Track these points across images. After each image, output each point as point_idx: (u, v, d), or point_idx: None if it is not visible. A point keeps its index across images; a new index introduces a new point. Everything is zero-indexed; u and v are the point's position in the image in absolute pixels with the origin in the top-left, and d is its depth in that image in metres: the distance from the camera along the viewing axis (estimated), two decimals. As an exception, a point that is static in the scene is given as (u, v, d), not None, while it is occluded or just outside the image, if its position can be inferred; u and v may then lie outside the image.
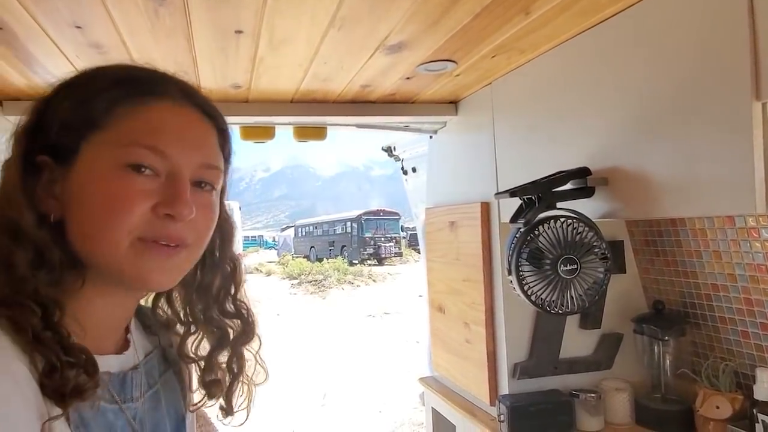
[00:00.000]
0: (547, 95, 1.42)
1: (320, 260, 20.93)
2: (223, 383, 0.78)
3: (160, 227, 0.61)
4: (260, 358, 0.80)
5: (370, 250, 22.80)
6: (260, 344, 0.80)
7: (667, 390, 1.61)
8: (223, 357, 0.78)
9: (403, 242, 24.68)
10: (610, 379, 1.66)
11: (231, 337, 0.78)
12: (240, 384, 0.79)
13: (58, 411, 0.54)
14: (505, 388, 1.66)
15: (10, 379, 0.51)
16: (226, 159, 0.72)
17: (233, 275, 0.78)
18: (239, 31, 1.21)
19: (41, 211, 0.60)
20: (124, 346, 0.71)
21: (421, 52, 1.39)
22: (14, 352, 0.53)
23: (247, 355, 0.79)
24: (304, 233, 29.20)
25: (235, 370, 0.78)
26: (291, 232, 31.77)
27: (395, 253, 23.26)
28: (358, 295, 13.65)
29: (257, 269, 19.91)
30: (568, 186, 1.24)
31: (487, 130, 1.70)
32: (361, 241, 23.18)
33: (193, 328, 0.79)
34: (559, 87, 1.37)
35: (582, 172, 1.23)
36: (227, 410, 0.79)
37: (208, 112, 0.68)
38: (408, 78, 1.61)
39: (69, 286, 0.60)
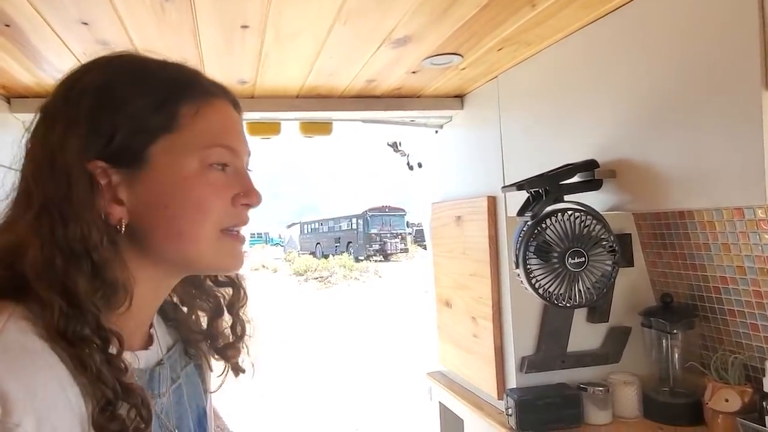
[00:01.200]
0: (554, 88, 1.41)
1: (326, 257, 20.97)
2: (233, 345, 0.82)
3: (238, 216, 0.67)
4: (249, 316, 0.84)
5: (376, 247, 22.82)
6: (247, 303, 0.84)
7: (675, 383, 1.60)
8: (223, 324, 0.82)
9: (409, 238, 24.68)
10: (618, 373, 1.65)
11: (224, 304, 0.81)
12: (244, 344, 0.83)
13: None
14: (512, 382, 1.66)
15: (56, 382, 0.52)
16: None
17: None
18: (245, 26, 1.21)
19: (106, 221, 0.59)
20: (148, 341, 0.72)
21: (427, 45, 1.38)
22: (69, 382, 0.53)
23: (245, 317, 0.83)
24: (309, 230, 29.25)
25: (239, 333, 0.82)
26: (297, 228, 31.82)
27: (401, 249, 23.26)
28: (365, 291, 13.67)
29: (263, 266, 19.97)
30: (575, 179, 1.24)
31: (494, 124, 1.69)
32: (367, 238, 23.19)
33: (189, 305, 0.82)
34: (566, 79, 1.36)
35: (589, 165, 1.22)
36: (238, 369, 0.83)
37: (237, 104, 0.73)
38: (414, 72, 1.60)
39: (121, 307, 0.60)
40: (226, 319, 0.81)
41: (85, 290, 0.55)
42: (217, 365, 0.83)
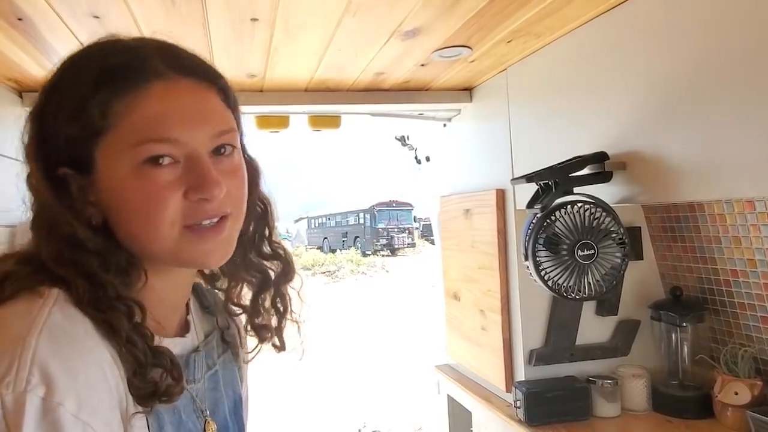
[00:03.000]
0: (564, 80, 1.41)
1: (333, 251, 21.01)
2: (270, 326, 0.80)
3: (199, 210, 0.61)
4: (303, 294, 0.81)
5: (383, 241, 22.81)
6: (302, 283, 0.81)
7: (684, 376, 1.60)
8: (268, 299, 0.79)
9: (416, 233, 24.66)
10: (626, 366, 1.65)
11: (272, 278, 0.79)
12: (287, 321, 0.80)
13: (138, 407, 0.57)
14: (521, 375, 1.66)
15: (96, 365, 0.54)
16: (234, 110, 0.69)
17: (265, 217, 0.77)
18: (255, 19, 1.21)
19: (87, 220, 0.60)
20: (185, 327, 0.73)
21: (436, 37, 1.38)
22: (100, 339, 0.56)
23: (290, 293, 0.80)
24: (317, 224, 29.28)
25: (281, 310, 0.79)
26: (304, 223, 31.90)
27: (408, 244, 23.25)
28: (372, 286, 13.69)
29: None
30: (585, 171, 1.23)
31: (502, 117, 1.69)
32: (374, 232, 23.19)
33: (233, 278, 0.80)
34: (576, 71, 1.35)
35: (599, 157, 1.22)
36: (280, 347, 0.81)
37: (202, 75, 0.64)
38: (422, 65, 1.60)
39: (135, 284, 0.62)
40: (271, 295, 0.79)
41: (98, 269, 0.58)
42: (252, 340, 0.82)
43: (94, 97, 0.59)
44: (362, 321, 9.28)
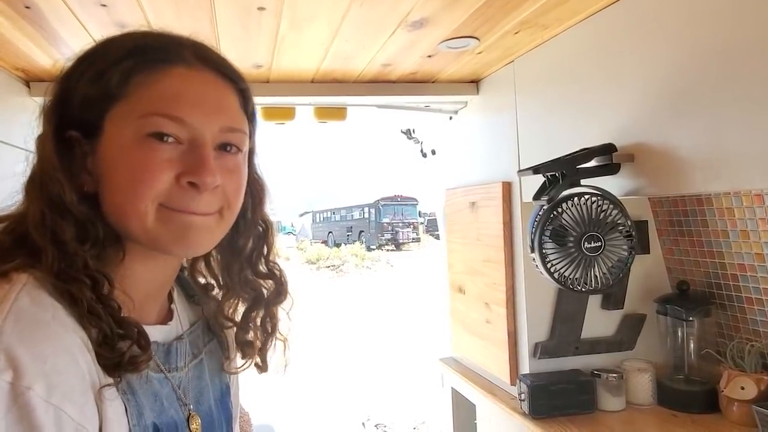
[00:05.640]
0: (572, 71, 1.40)
1: (338, 246, 21.04)
2: (256, 344, 0.80)
3: (184, 198, 0.61)
4: (292, 317, 0.81)
5: (388, 236, 22.83)
6: (292, 303, 0.81)
7: (690, 371, 1.59)
8: (258, 318, 0.80)
9: (421, 228, 24.65)
10: (632, 360, 1.65)
11: (264, 297, 0.79)
12: (274, 342, 0.80)
13: (110, 379, 0.57)
14: (525, 368, 1.66)
15: (65, 350, 0.53)
16: (250, 119, 0.71)
17: (266, 236, 0.79)
18: (261, 8, 1.21)
19: (79, 186, 0.61)
20: (167, 316, 0.73)
21: (443, 28, 1.37)
22: (70, 324, 0.55)
23: (280, 314, 0.81)
24: (321, 219, 29.32)
25: (269, 330, 0.80)
26: (309, 217, 31.92)
27: (413, 239, 23.25)
28: (376, 280, 13.71)
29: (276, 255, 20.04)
30: (592, 163, 1.23)
31: (509, 109, 1.68)
32: (379, 227, 23.20)
33: (229, 292, 0.80)
34: (584, 63, 1.34)
35: (607, 149, 1.21)
36: (262, 367, 0.81)
37: (226, 73, 0.67)
38: (429, 56, 1.59)
39: (112, 259, 0.62)
40: (261, 314, 0.79)
41: (71, 239, 0.58)
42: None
43: (119, 64, 0.61)
44: (366, 315, 9.30)
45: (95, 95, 0.61)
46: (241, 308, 0.80)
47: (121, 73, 0.60)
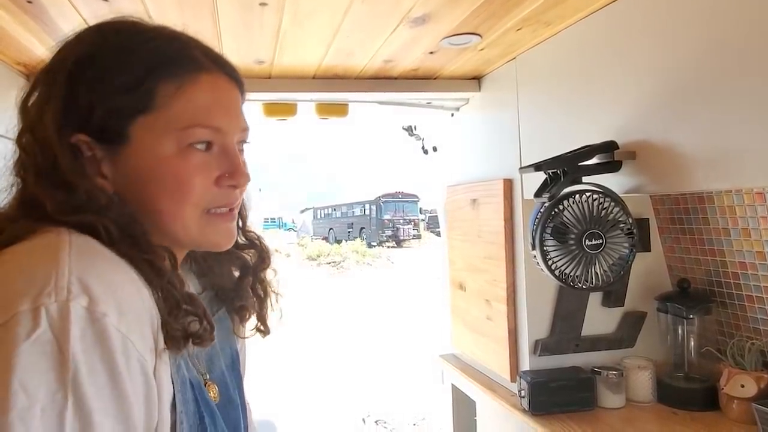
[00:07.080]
0: (574, 68, 1.39)
1: (339, 242, 21.06)
2: (249, 306, 0.83)
3: (223, 197, 0.66)
4: (277, 283, 0.86)
5: (389, 233, 22.84)
6: (275, 272, 0.86)
7: (690, 368, 1.59)
8: (249, 285, 0.83)
9: (422, 225, 24.66)
10: (632, 357, 1.64)
11: (251, 265, 0.83)
12: (268, 306, 0.85)
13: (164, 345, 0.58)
14: (525, 365, 1.66)
15: (131, 283, 0.56)
16: None
17: (240, 210, 0.81)
18: (263, 4, 1.21)
19: (98, 189, 0.61)
20: None
21: (446, 24, 1.37)
22: (142, 285, 0.57)
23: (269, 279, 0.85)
24: (322, 215, 29.34)
25: (262, 295, 0.84)
26: (310, 214, 31.93)
27: (414, 236, 23.26)
28: (377, 277, 13.72)
29: (277, 251, 20.10)
30: (594, 160, 1.23)
31: (511, 106, 1.68)
32: (380, 223, 23.21)
33: (218, 265, 0.83)
34: (587, 60, 1.34)
35: (609, 146, 1.21)
36: (264, 330, 0.85)
37: (234, 77, 0.70)
38: (431, 53, 1.59)
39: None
40: (251, 281, 0.83)
41: (127, 222, 0.60)
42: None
43: (145, 77, 0.62)
44: (367, 312, 9.31)
45: (120, 105, 0.61)
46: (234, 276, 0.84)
47: (150, 84, 0.62)
